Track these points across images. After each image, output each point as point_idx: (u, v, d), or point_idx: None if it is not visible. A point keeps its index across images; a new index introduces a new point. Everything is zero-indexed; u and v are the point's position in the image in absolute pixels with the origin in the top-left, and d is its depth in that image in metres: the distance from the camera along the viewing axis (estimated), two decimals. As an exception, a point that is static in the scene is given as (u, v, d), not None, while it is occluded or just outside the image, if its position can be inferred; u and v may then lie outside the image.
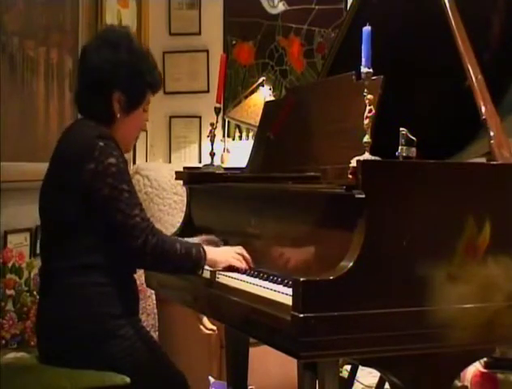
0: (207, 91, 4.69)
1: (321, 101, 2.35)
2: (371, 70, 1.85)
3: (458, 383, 3.09)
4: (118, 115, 2.22)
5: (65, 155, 2.18)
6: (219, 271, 2.14)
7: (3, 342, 2.70)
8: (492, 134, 1.97)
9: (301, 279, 1.62)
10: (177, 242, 2.15)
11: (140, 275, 2.31)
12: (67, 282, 2.12)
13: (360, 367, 2.93)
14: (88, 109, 2.24)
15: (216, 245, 2.32)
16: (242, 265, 2.15)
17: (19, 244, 3.03)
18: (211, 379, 3.08)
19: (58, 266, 2.14)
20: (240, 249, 2.20)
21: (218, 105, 2.67)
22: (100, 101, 2.21)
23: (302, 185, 2.10)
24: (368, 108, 1.81)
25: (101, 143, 2.11)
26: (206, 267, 2.16)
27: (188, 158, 4.76)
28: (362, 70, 1.85)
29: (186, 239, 2.30)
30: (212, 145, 2.67)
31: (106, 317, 2.11)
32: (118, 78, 2.20)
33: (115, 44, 2.22)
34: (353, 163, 1.73)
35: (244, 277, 2.05)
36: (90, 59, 2.23)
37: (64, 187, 2.13)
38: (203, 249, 2.16)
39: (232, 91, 4.74)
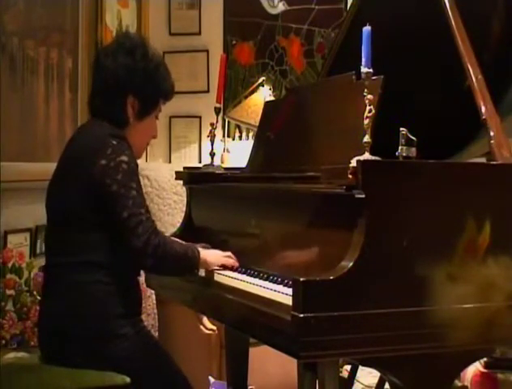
0: (207, 91, 4.68)
1: (321, 101, 2.35)
2: (371, 70, 1.85)
3: (458, 383, 3.09)
4: (131, 120, 2.25)
5: (77, 151, 2.20)
6: (215, 270, 2.17)
7: (3, 342, 2.70)
8: (492, 134, 1.97)
9: (301, 279, 1.62)
10: (175, 244, 2.17)
11: (140, 275, 2.32)
12: (71, 279, 2.13)
13: (360, 367, 2.93)
14: (102, 112, 2.26)
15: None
16: (234, 264, 2.19)
17: (19, 244, 3.03)
18: (211, 379, 3.08)
19: (63, 261, 2.15)
20: (227, 253, 2.23)
21: (218, 105, 2.67)
22: (114, 105, 2.24)
23: (302, 185, 2.10)
24: (368, 108, 1.81)
25: (114, 142, 2.14)
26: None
27: (188, 158, 4.76)
28: (362, 70, 1.86)
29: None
30: (212, 145, 2.67)
31: (108, 316, 2.12)
32: (134, 83, 2.23)
33: (131, 50, 2.25)
34: (353, 163, 1.73)
35: (244, 277, 2.05)
36: (106, 63, 2.25)
37: (74, 182, 2.14)
38: (197, 249, 2.20)
39: (232, 92, 4.74)
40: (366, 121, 1.81)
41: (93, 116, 2.31)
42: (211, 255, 2.22)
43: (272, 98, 4.32)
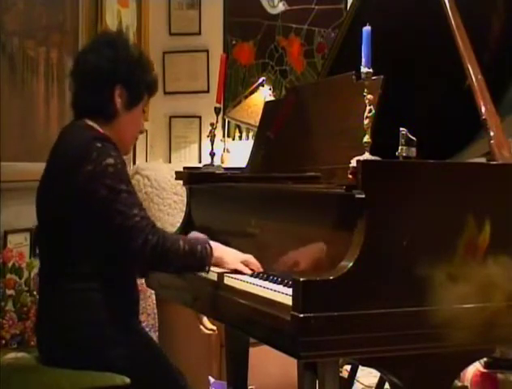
0: (207, 91, 4.69)
1: (321, 101, 2.35)
2: (371, 70, 1.85)
3: (458, 383, 3.09)
4: (120, 111, 2.21)
5: (62, 159, 2.15)
6: (227, 273, 2.09)
7: (3, 342, 2.70)
8: (492, 134, 1.96)
9: (301, 279, 1.62)
10: (179, 240, 2.09)
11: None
12: (64, 287, 2.10)
13: (360, 367, 2.93)
14: (88, 108, 2.21)
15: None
16: (249, 272, 2.09)
17: (19, 244, 3.03)
18: (211, 379, 3.08)
19: (57, 271, 2.13)
20: (249, 257, 2.14)
21: (218, 105, 2.67)
22: (101, 98, 2.19)
23: (302, 185, 2.10)
24: (368, 108, 1.81)
25: (98, 144, 2.08)
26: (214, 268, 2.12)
27: (188, 158, 4.76)
28: (362, 70, 1.86)
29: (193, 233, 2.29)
30: (212, 145, 2.67)
31: (106, 321, 2.09)
32: (119, 73, 2.19)
33: (113, 43, 2.24)
34: (353, 163, 1.73)
35: (244, 277, 2.05)
36: (88, 60, 2.22)
37: (62, 191, 2.10)
38: (210, 245, 2.12)
39: (232, 91, 4.74)
40: (366, 121, 1.81)
41: (78, 116, 2.25)
42: (230, 255, 2.13)
43: (272, 98, 4.32)
